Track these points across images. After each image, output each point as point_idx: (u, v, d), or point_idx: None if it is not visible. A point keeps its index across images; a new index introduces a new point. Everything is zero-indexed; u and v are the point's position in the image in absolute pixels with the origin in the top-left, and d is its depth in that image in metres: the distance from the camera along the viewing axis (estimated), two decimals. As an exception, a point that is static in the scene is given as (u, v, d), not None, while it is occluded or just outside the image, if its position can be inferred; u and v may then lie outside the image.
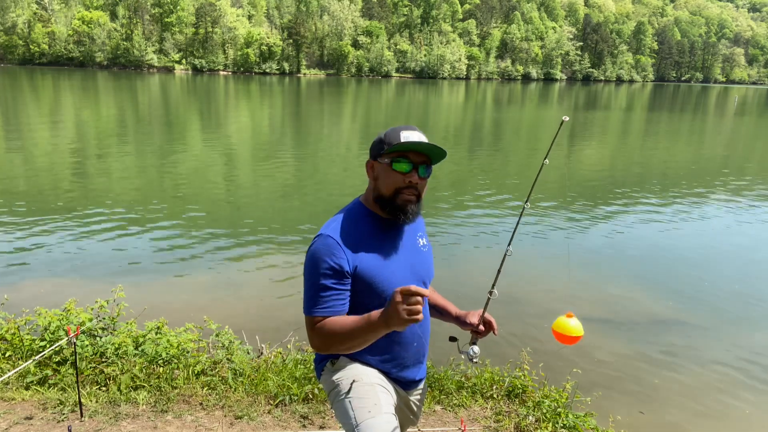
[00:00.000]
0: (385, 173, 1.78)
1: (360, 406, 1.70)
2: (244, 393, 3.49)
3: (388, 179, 1.78)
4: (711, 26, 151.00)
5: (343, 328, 1.66)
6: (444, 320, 2.08)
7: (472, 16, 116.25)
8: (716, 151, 21.33)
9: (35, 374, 3.52)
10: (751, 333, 5.69)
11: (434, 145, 1.76)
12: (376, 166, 1.83)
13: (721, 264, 7.89)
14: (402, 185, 1.77)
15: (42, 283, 6.19)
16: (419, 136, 1.78)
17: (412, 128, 1.81)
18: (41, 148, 15.78)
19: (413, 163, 1.77)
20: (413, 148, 1.76)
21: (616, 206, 11.08)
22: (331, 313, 1.70)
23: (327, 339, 1.69)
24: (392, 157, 1.76)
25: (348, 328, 1.65)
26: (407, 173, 1.76)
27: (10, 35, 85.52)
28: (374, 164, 1.83)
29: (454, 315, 2.03)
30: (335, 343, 1.69)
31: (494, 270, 1.99)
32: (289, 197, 11.24)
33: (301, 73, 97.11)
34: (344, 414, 1.73)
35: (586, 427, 3.30)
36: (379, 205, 1.82)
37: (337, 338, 1.67)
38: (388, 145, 1.77)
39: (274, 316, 5.55)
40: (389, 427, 1.66)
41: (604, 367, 4.86)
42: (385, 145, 1.78)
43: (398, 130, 1.79)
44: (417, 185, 1.78)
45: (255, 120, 27.39)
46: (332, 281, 1.70)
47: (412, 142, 1.74)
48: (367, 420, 1.66)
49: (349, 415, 1.70)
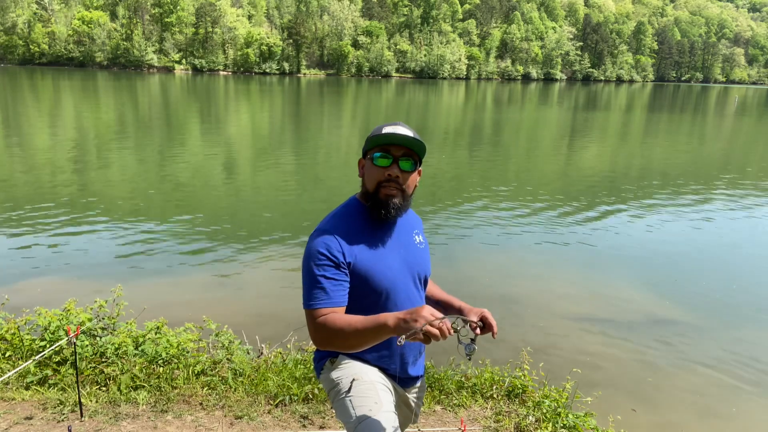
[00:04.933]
0: (369, 168, 1.82)
1: (361, 404, 1.70)
2: (244, 393, 3.48)
3: (370, 174, 1.81)
4: (711, 26, 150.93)
5: (349, 325, 1.63)
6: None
7: (472, 16, 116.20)
8: (716, 151, 21.33)
9: (35, 374, 3.52)
10: (751, 332, 5.69)
11: (409, 137, 1.76)
12: (364, 163, 1.88)
13: (721, 264, 7.90)
14: (382, 179, 1.78)
15: (42, 283, 6.19)
16: (402, 130, 1.80)
17: (396, 123, 1.83)
18: (41, 148, 15.78)
19: (393, 156, 1.78)
20: (391, 141, 1.77)
21: (615, 206, 11.07)
22: (330, 305, 1.69)
23: (330, 334, 1.66)
24: (374, 152, 1.80)
25: (353, 326, 1.62)
26: (387, 167, 1.78)
27: (10, 35, 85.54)
28: (364, 161, 1.88)
29: (457, 308, 2.02)
30: (338, 338, 1.65)
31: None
32: (289, 197, 11.24)
33: (301, 73, 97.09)
34: (345, 412, 1.73)
35: (586, 427, 3.29)
36: (368, 202, 1.84)
37: (340, 335, 1.64)
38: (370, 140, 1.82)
39: (274, 316, 5.54)
40: (390, 425, 1.66)
41: (604, 367, 4.86)
42: (370, 141, 1.82)
43: (383, 126, 1.83)
44: (398, 178, 1.78)
45: (255, 120, 27.38)
46: (330, 273, 1.71)
47: (388, 134, 1.76)
48: (368, 419, 1.66)
49: (350, 414, 1.70)
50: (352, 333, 1.62)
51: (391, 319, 1.53)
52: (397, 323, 1.50)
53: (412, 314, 1.48)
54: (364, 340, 1.62)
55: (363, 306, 1.79)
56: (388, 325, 1.53)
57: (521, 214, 10.03)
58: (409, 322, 1.47)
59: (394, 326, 1.51)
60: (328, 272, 1.71)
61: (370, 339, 1.61)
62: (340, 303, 1.72)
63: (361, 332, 1.60)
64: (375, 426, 1.64)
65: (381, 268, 1.78)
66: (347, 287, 1.74)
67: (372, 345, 1.65)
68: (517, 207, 10.58)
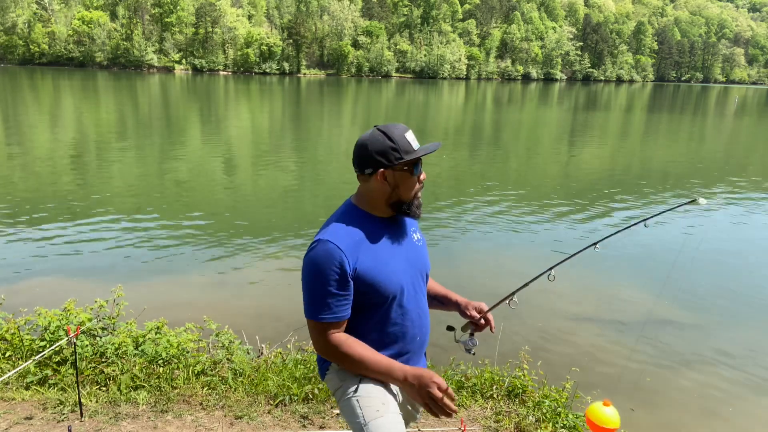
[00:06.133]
0: (407, 180, 1.80)
1: (368, 405, 1.71)
2: (244, 393, 3.49)
3: (409, 185, 1.81)
4: (711, 26, 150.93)
5: (360, 355, 1.74)
6: (445, 309, 2.10)
7: (472, 16, 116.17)
8: (716, 151, 21.33)
9: (35, 374, 3.52)
10: (751, 332, 5.69)
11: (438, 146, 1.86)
12: (391, 174, 1.78)
13: (721, 264, 7.89)
14: (419, 187, 1.86)
15: (42, 283, 6.19)
16: (413, 133, 1.83)
17: (405, 128, 1.82)
18: (41, 148, 15.78)
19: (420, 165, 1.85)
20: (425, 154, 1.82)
21: (615, 205, 11.08)
22: (335, 319, 1.73)
23: (339, 353, 1.75)
24: (412, 165, 1.80)
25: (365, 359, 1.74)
26: (420, 173, 1.85)
27: (10, 35, 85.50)
28: (387, 173, 1.77)
29: (454, 301, 2.06)
30: (344, 359, 1.76)
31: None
32: (289, 197, 11.24)
33: (301, 73, 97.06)
34: (351, 413, 1.73)
35: (586, 427, 3.29)
36: (395, 209, 1.84)
37: (349, 358, 1.75)
38: (406, 153, 1.75)
39: (274, 316, 5.54)
40: (397, 427, 1.67)
41: (603, 367, 4.86)
42: (401, 154, 1.75)
43: (400, 133, 1.77)
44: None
45: (255, 120, 27.39)
46: (336, 287, 1.69)
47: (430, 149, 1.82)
48: (376, 419, 1.67)
49: (356, 414, 1.70)
50: (356, 362, 1.74)
51: (400, 375, 1.72)
52: (405, 383, 1.71)
53: (418, 379, 1.69)
54: (366, 372, 1.77)
55: (370, 308, 1.79)
56: (398, 380, 1.73)
57: (521, 214, 10.03)
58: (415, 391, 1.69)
59: (403, 383, 1.72)
60: (333, 285, 1.69)
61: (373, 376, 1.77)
62: (343, 317, 1.75)
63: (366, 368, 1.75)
64: (383, 427, 1.65)
65: (387, 272, 1.78)
66: (351, 299, 1.75)
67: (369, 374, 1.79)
68: (516, 207, 10.59)
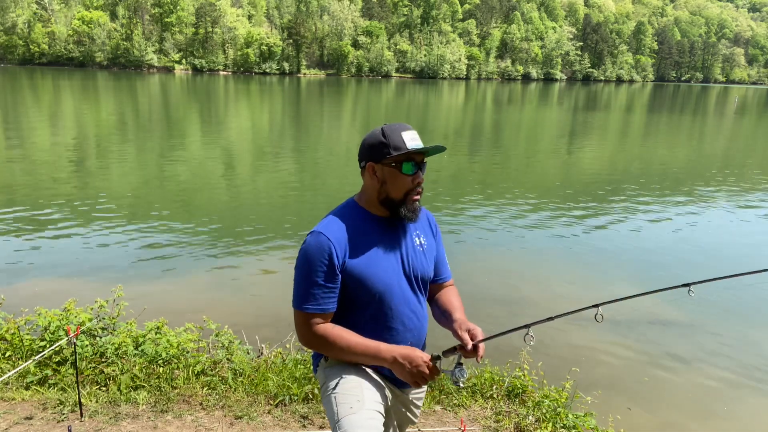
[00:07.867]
0: (394, 177, 1.79)
1: (343, 401, 1.72)
2: (244, 393, 3.49)
3: (397, 183, 1.79)
4: (711, 26, 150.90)
5: (347, 341, 1.75)
6: (443, 325, 1.96)
7: (472, 16, 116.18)
8: (716, 151, 21.33)
9: (35, 374, 3.52)
10: (751, 332, 5.69)
11: (439, 147, 1.80)
12: (380, 169, 1.80)
13: (721, 263, 7.89)
14: (411, 187, 1.80)
15: (42, 283, 6.19)
16: (415, 134, 1.80)
17: (407, 127, 1.81)
18: (40, 147, 15.78)
19: (418, 164, 1.80)
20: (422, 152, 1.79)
21: (615, 206, 11.07)
22: (319, 310, 1.75)
23: (323, 341, 1.77)
24: (401, 161, 1.77)
25: (350, 345, 1.75)
26: (414, 174, 1.80)
27: (10, 35, 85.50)
28: (376, 167, 1.80)
29: (452, 320, 1.91)
30: (331, 348, 1.78)
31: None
32: (289, 197, 11.24)
33: (301, 73, 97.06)
34: (329, 409, 1.76)
35: (586, 427, 3.29)
36: (387, 208, 1.83)
37: (335, 346, 1.76)
38: (395, 149, 1.76)
39: (274, 316, 5.54)
40: (370, 423, 1.66)
41: (603, 367, 4.86)
42: (390, 149, 1.76)
43: (398, 131, 1.78)
44: (420, 184, 1.83)
45: (255, 120, 27.39)
46: (323, 279, 1.73)
47: (422, 148, 1.78)
48: (348, 416, 1.67)
49: (332, 410, 1.73)
50: (344, 349, 1.76)
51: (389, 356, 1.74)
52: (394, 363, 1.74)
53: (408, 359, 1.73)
54: (355, 358, 1.78)
55: (357, 306, 1.80)
56: (386, 360, 1.75)
57: (521, 214, 10.03)
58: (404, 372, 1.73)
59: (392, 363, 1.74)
60: (321, 277, 1.72)
61: (362, 361, 1.79)
62: (329, 309, 1.77)
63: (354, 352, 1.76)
64: (354, 423, 1.64)
65: (375, 271, 1.78)
66: (337, 293, 1.77)
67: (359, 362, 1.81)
68: (516, 207, 10.58)
